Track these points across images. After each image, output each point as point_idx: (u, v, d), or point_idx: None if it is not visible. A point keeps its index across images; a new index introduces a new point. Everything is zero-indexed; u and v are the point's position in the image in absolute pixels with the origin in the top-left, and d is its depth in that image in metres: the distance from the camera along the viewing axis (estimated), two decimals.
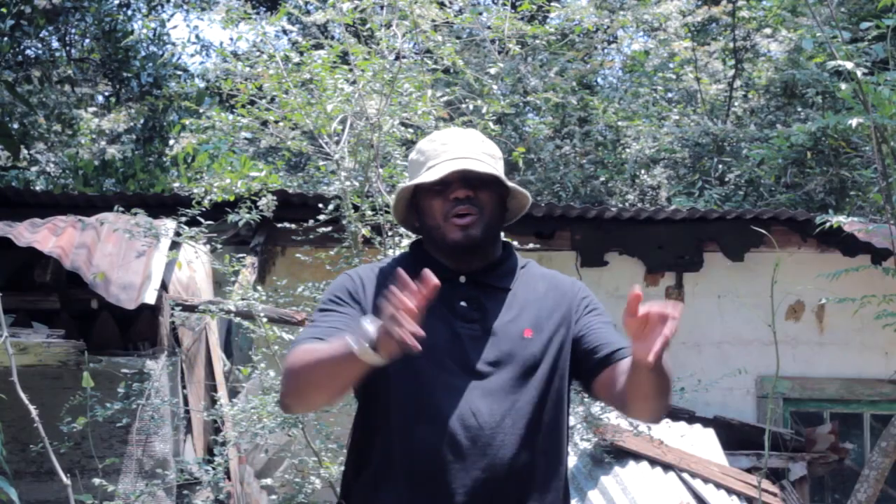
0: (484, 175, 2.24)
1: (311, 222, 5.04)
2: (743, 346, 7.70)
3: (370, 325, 1.96)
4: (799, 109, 11.55)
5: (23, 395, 3.48)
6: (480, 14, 5.75)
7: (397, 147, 5.13)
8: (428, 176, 2.24)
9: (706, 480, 6.21)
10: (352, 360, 1.97)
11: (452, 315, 2.19)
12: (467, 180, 2.23)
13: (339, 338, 2.01)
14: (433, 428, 2.10)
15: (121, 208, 5.38)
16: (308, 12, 5.76)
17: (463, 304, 2.22)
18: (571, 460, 6.16)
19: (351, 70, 4.95)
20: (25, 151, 11.39)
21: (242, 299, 5.05)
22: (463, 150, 2.26)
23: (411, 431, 2.12)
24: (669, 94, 12.63)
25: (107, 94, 12.20)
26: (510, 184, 2.30)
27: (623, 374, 2.13)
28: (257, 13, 12.88)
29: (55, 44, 11.48)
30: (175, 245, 5.61)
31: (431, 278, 1.92)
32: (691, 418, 7.00)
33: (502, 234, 2.47)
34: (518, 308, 2.24)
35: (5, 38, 9.99)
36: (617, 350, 2.20)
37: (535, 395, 2.16)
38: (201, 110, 5.92)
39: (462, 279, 2.25)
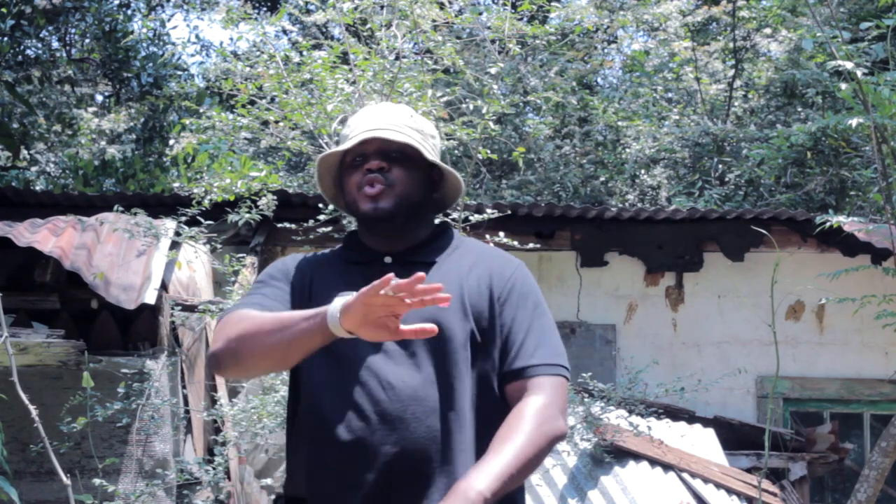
0: (399, 146, 2.14)
1: (311, 222, 5.05)
2: (743, 346, 7.71)
3: (339, 304, 1.93)
4: (799, 109, 11.56)
5: (23, 395, 3.48)
6: (480, 14, 5.75)
7: None
8: (340, 147, 2.18)
9: (706, 480, 6.21)
10: (319, 332, 1.93)
11: None
12: (383, 153, 2.14)
13: (313, 310, 1.98)
14: (343, 402, 2.05)
15: (121, 208, 5.38)
16: (308, 12, 5.76)
17: None
18: (571, 460, 6.16)
19: (351, 70, 4.95)
20: (25, 151, 11.39)
21: None
22: (384, 121, 2.17)
23: (323, 409, 2.07)
24: (669, 94, 12.64)
25: (107, 94, 12.21)
26: (430, 157, 2.19)
27: (515, 402, 2.06)
28: (257, 13, 12.88)
29: (55, 44, 11.49)
30: (175, 245, 5.61)
31: (419, 276, 1.88)
32: (691, 418, 7.00)
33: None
34: (438, 280, 2.08)
35: (5, 38, 9.99)
36: (528, 367, 2.09)
37: (449, 367, 2.07)
38: (201, 110, 5.92)
39: (387, 259, 2.17)
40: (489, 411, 2.10)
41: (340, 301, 1.93)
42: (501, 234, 5.02)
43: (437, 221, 2.31)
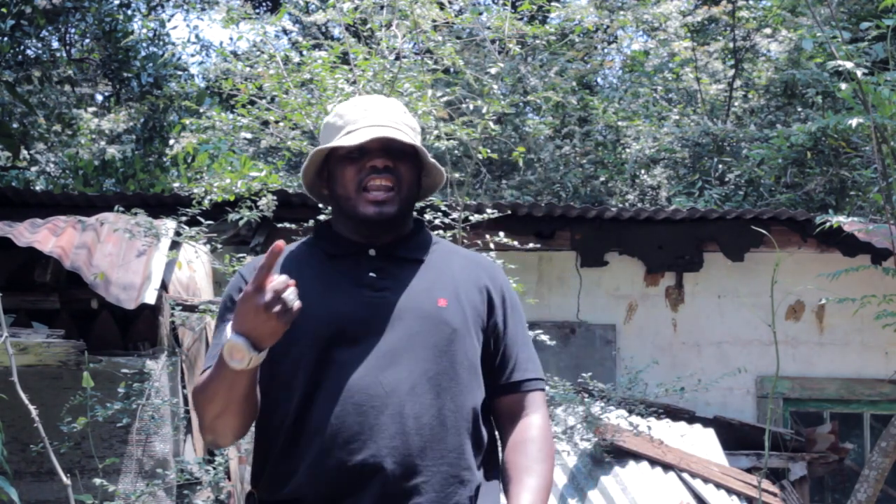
0: (405, 146, 2.11)
1: (311, 222, 5.05)
2: (743, 346, 7.71)
3: (230, 334, 1.94)
4: (799, 109, 11.56)
5: (23, 395, 3.48)
6: (480, 14, 5.75)
7: None
8: (346, 140, 2.10)
9: (706, 480, 6.21)
10: (233, 373, 1.95)
11: (360, 287, 2.09)
12: (388, 150, 2.10)
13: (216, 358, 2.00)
14: (339, 402, 2.01)
15: (121, 208, 5.38)
16: (308, 12, 5.76)
17: (372, 274, 2.11)
18: (571, 460, 6.16)
19: (351, 70, 4.95)
20: (25, 151, 11.38)
21: None
22: (385, 117, 2.13)
23: (318, 408, 2.03)
24: (669, 94, 12.64)
25: (107, 94, 12.20)
26: (430, 159, 2.17)
27: (512, 416, 2.13)
28: (258, 13, 12.87)
29: (55, 44, 11.49)
30: (175, 245, 5.61)
31: (279, 245, 1.90)
32: (691, 418, 7.00)
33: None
34: (432, 278, 2.12)
35: (5, 38, 9.99)
36: (525, 381, 2.15)
37: (447, 365, 2.05)
38: (201, 110, 5.92)
39: (372, 252, 2.13)
40: (482, 412, 2.12)
41: (227, 337, 1.94)
42: (501, 234, 5.02)
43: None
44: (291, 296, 1.90)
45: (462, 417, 2.06)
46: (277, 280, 1.90)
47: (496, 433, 2.18)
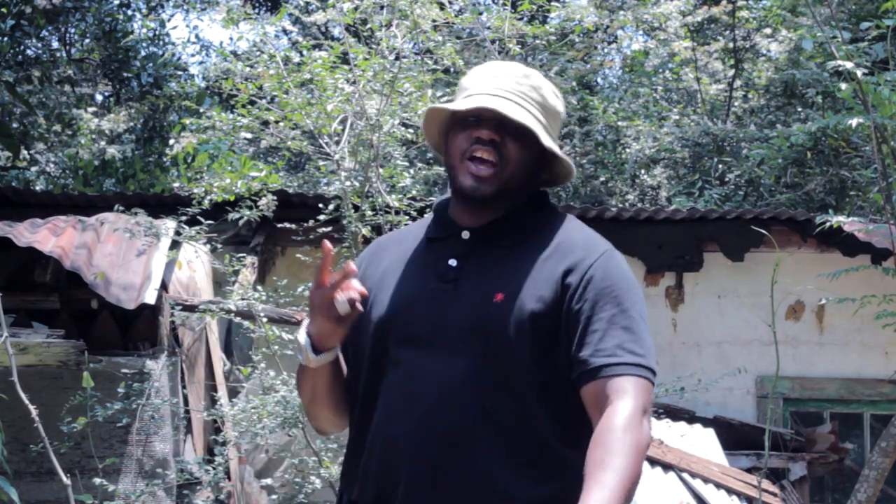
0: (516, 123, 1.91)
1: (311, 222, 5.05)
2: (743, 346, 7.70)
3: (301, 333, 1.95)
4: (799, 109, 11.56)
5: (23, 395, 3.48)
6: (480, 14, 5.75)
7: (397, 147, 5.14)
8: (457, 104, 1.95)
9: (706, 480, 6.21)
10: (311, 371, 1.96)
11: (433, 277, 1.96)
12: (502, 123, 1.91)
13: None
14: (381, 399, 1.94)
15: (121, 208, 5.38)
16: (308, 12, 5.76)
17: (452, 261, 1.95)
18: None
19: (351, 70, 4.95)
20: (25, 151, 11.38)
21: (242, 299, 5.05)
22: (509, 87, 1.95)
23: (366, 404, 1.97)
24: (669, 94, 12.64)
25: (107, 94, 12.21)
26: (548, 143, 1.95)
27: (599, 407, 1.83)
28: (258, 13, 12.88)
29: (55, 44, 11.49)
30: (175, 245, 5.61)
31: (325, 245, 1.87)
32: (691, 418, 7.00)
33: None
34: (505, 269, 1.92)
35: (5, 38, 9.99)
36: (606, 366, 1.84)
37: (492, 368, 1.87)
38: (201, 110, 5.93)
39: (465, 234, 1.97)
40: (562, 411, 1.90)
41: (299, 339, 1.95)
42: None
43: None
44: (342, 298, 1.85)
45: (504, 426, 1.87)
46: (332, 282, 1.86)
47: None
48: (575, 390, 1.88)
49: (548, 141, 1.96)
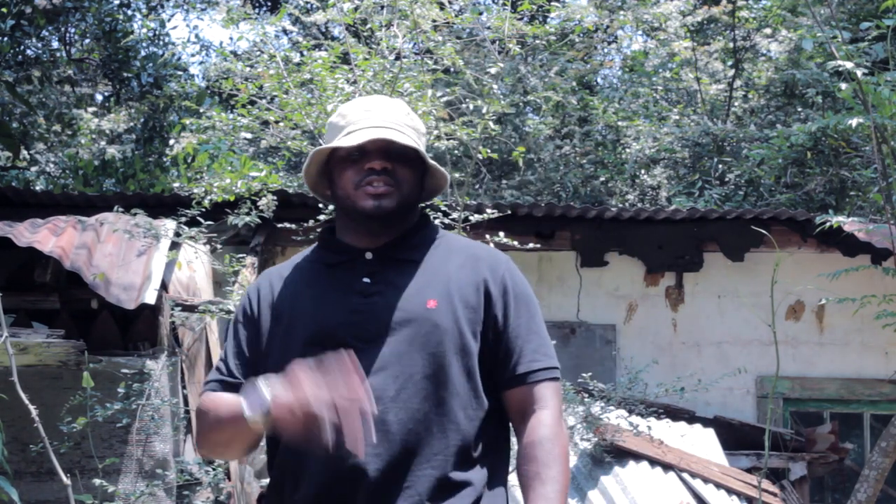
0: (404, 148, 2.08)
1: (311, 222, 5.05)
2: (743, 346, 7.71)
3: (266, 391, 1.90)
4: (799, 109, 11.56)
5: (23, 395, 3.48)
6: (480, 14, 5.76)
7: None
8: (345, 141, 2.08)
9: (706, 480, 6.21)
10: (246, 423, 1.93)
11: (352, 294, 2.07)
12: (386, 152, 2.07)
13: (235, 397, 1.97)
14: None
15: (121, 208, 5.38)
16: (308, 12, 5.76)
17: (366, 280, 2.08)
18: (571, 460, 6.16)
19: (351, 70, 4.95)
20: (25, 151, 11.39)
21: None
22: (386, 118, 2.10)
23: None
24: (669, 94, 12.64)
25: (107, 94, 12.20)
26: (430, 161, 2.14)
27: (522, 412, 2.06)
28: (258, 13, 12.89)
29: (55, 44, 11.49)
30: (175, 245, 5.61)
31: (345, 358, 1.90)
32: (691, 418, 7.00)
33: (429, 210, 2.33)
34: (425, 279, 2.07)
35: (5, 38, 9.99)
36: (530, 373, 2.06)
37: (436, 368, 2.01)
38: (201, 110, 5.93)
39: (368, 255, 2.11)
40: (486, 415, 2.07)
41: (261, 393, 1.90)
42: (501, 234, 5.02)
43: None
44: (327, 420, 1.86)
45: (452, 420, 2.02)
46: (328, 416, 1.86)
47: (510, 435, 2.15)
48: (495, 386, 2.09)
49: (430, 160, 2.14)
